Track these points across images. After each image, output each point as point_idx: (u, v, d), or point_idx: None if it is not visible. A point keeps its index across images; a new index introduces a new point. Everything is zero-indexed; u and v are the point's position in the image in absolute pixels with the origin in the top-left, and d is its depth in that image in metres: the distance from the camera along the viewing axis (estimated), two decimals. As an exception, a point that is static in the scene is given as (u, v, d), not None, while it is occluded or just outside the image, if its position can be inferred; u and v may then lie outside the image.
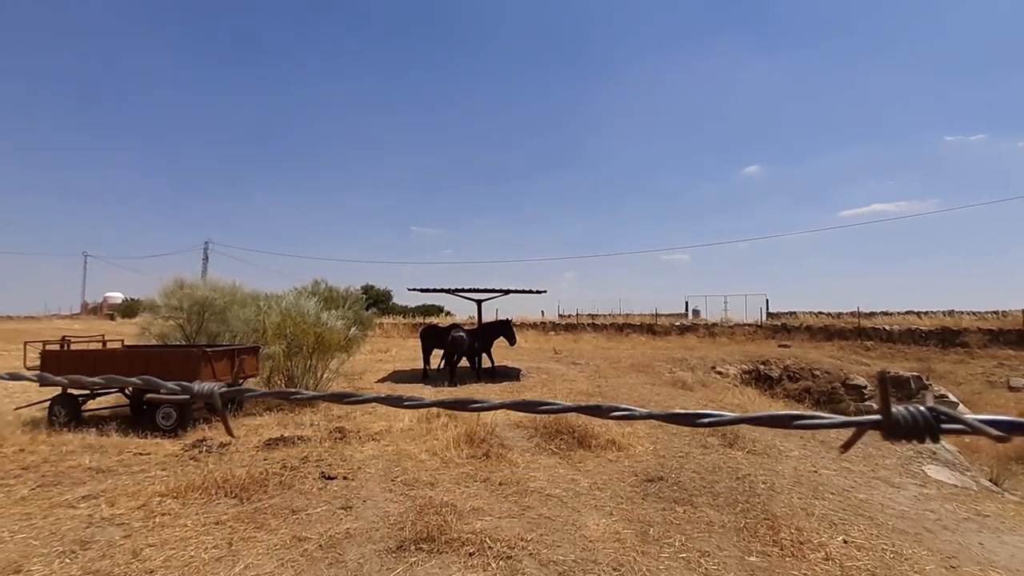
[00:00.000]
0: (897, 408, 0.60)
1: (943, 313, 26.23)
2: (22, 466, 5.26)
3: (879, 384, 0.60)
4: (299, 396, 0.80)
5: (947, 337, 20.93)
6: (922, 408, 0.60)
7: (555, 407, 0.64)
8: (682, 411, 0.62)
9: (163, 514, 4.08)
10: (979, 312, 25.39)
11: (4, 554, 3.39)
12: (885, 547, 3.81)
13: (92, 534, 3.72)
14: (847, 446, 0.64)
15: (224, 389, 0.81)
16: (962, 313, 25.72)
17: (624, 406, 0.61)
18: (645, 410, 0.62)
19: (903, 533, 4.13)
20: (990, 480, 7.16)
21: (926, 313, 26.56)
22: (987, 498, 5.50)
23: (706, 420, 0.62)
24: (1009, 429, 0.57)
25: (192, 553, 3.45)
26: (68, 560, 3.34)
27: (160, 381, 0.82)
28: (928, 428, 0.59)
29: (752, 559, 3.59)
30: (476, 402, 0.70)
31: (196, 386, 0.80)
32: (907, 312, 27.67)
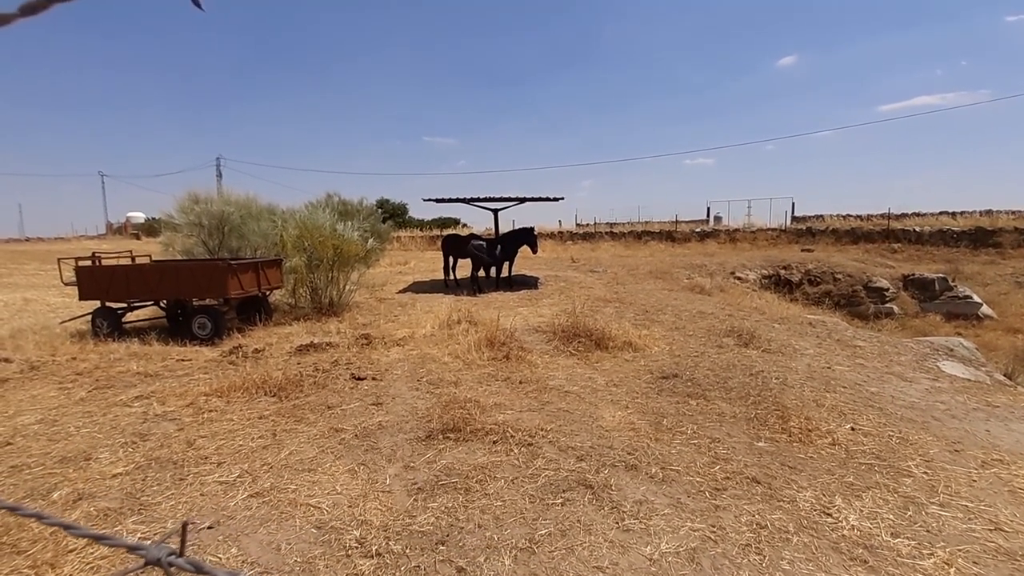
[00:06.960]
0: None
1: (980, 213, 25.03)
2: (76, 372, 5.68)
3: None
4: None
5: (980, 237, 20.18)
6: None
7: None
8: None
9: (210, 410, 4.42)
10: (1019, 211, 24.16)
11: (73, 445, 3.76)
12: (891, 433, 3.96)
13: (149, 428, 4.08)
14: None
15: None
16: (1000, 212, 24.50)
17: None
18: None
19: (911, 422, 4.27)
20: (1005, 375, 7.22)
21: (961, 213, 25.33)
22: (999, 391, 5.57)
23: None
24: None
25: (241, 442, 3.78)
26: (131, 449, 3.69)
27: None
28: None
29: (760, 444, 3.78)
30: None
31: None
32: (941, 213, 26.42)
